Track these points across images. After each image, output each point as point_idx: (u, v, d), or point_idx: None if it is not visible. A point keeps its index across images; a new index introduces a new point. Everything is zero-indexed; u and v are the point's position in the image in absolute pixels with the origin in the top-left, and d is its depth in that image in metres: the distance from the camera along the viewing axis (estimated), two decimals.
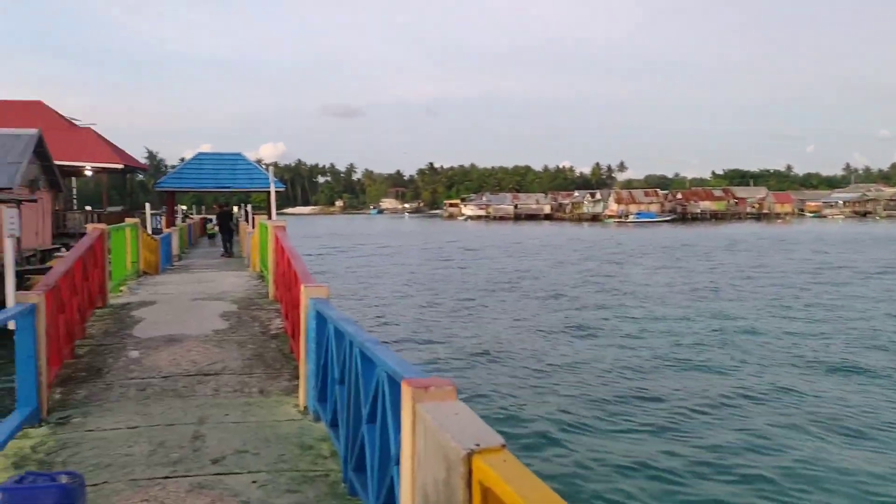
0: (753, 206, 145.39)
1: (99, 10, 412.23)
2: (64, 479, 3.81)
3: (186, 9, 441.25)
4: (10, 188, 26.65)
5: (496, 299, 28.43)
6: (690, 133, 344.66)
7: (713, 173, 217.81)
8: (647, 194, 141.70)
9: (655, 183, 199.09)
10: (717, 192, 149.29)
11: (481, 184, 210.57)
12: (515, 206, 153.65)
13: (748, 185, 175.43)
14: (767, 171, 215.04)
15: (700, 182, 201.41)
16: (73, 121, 44.14)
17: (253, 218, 23.60)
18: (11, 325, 5.74)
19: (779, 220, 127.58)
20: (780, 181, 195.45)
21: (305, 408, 6.28)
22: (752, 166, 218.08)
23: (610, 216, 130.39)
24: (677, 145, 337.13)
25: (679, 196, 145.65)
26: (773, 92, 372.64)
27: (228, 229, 26.43)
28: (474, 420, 2.46)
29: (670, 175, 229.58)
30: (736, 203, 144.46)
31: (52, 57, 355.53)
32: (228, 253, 25.21)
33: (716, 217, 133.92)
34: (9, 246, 7.10)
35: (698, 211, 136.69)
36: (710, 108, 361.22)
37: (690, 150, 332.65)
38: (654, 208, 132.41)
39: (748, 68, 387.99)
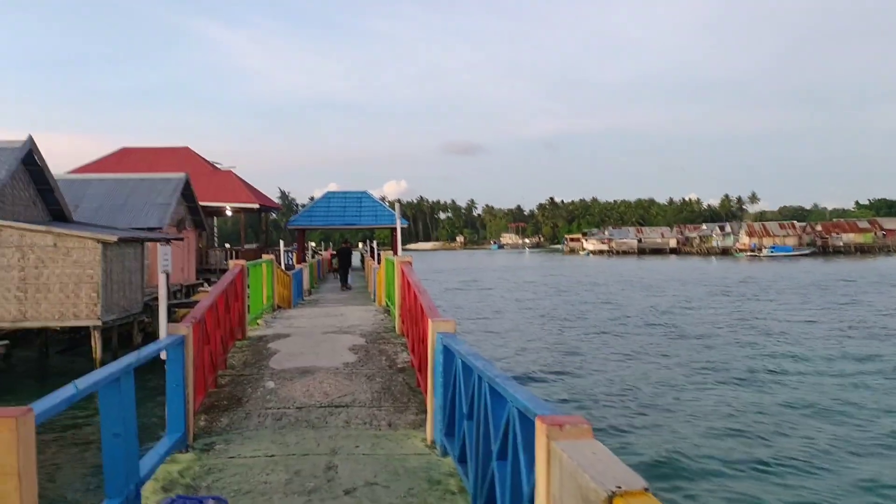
0: None
1: (237, 63, 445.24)
2: None
3: (314, 57, 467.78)
4: (161, 227, 28.88)
5: (625, 337, 27.65)
6: (829, 161, 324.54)
7: (857, 203, 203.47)
8: (781, 227, 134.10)
9: (791, 214, 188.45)
10: (862, 224, 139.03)
11: (603, 218, 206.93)
12: (639, 240, 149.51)
13: None
14: None
15: (841, 213, 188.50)
16: (216, 164, 47.40)
17: (378, 254, 24.32)
18: (163, 356, 6.10)
19: None
20: None
21: (433, 442, 6.31)
22: None
23: (741, 250, 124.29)
24: (815, 174, 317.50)
25: (818, 228, 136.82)
26: None
27: (348, 264, 28.13)
28: (614, 461, 2.38)
29: (807, 206, 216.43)
30: (884, 235, 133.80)
31: (197, 106, 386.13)
32: (346, 286, 26.98)
33: (861, 250, 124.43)
34: (163, 281, 7.66)
35: (840, 244, 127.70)
36: (851, 135, 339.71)
37: (830, 179, 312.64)
38: (791, 241, 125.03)
39: (891, 92, 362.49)
